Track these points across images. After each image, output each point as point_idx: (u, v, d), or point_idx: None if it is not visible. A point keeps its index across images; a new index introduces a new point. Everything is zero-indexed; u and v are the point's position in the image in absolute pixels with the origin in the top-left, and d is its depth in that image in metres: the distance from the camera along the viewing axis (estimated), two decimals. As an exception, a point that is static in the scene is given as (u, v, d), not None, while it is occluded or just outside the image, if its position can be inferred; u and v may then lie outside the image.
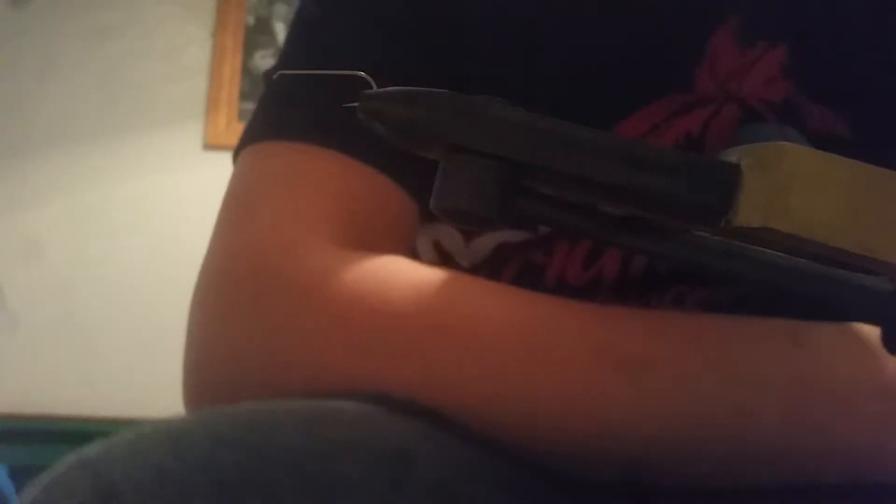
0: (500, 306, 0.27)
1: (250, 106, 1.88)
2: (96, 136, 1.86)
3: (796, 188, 0.15)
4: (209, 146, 1.87)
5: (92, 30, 1.89)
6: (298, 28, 0.37)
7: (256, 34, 1.93)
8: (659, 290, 0.31)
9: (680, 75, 0.31)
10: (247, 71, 1.90)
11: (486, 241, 0.33)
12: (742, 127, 0.31)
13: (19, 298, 1.79)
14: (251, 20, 1.93)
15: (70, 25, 1.89)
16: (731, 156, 0.15)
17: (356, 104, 0.15)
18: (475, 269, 0.34)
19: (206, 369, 0.30)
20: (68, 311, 1.78)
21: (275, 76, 0.35)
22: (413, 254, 0.35)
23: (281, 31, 1.94)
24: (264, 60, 1.92)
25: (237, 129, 1.97)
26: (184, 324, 0.32)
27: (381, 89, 0.15)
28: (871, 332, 0.23)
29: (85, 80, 1.88)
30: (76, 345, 1.76)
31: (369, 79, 0.16)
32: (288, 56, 0.37)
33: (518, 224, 0.32)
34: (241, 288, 0.30)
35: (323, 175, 0.31)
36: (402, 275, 0.28)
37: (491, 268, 0.33)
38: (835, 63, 0.32)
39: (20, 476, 1.45)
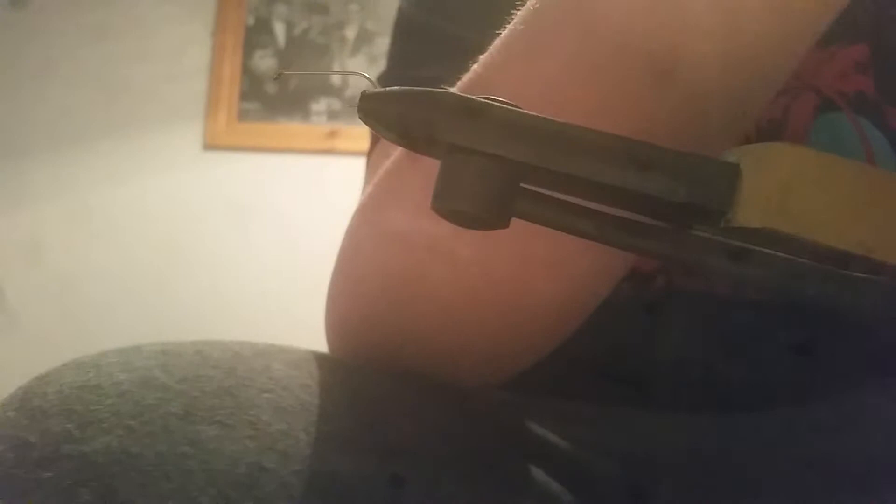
0: None
1: (250, 106, 1.88)
2: (96, 136, 1.87)
3: (796, 188, 0.15)
4: (209, 146, 1.87)
5: (92, 30, 1.89)
6: (398, 32, 0.40)
7: (256, 34, 1.93)
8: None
9: None
10: (247, 71, 1.90)
11: None
12: (819, 117, 0.32)
13: (19, 299, 1.79)
14: (251, 20, 1.93)
15: (70, 25, 1.89)
16: (731, 156, 0.15)
17: (355, 105, 0.15)
18: None
19: None
20: (68, 312, 1.78)
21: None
22: None
23: (281, 31, 1.94)
24: (264, 61, 1.91)
25: (237, 129, 1.98)
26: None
27: (380, 89, 0.15)
28: None
29: (85, 80, 1.88)
30: (77, 345, 1.77)
31: (370, 79, 0.16)
32: (391, 58, 0.40)
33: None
34: None
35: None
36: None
37: None
38: None
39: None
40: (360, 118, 0.16)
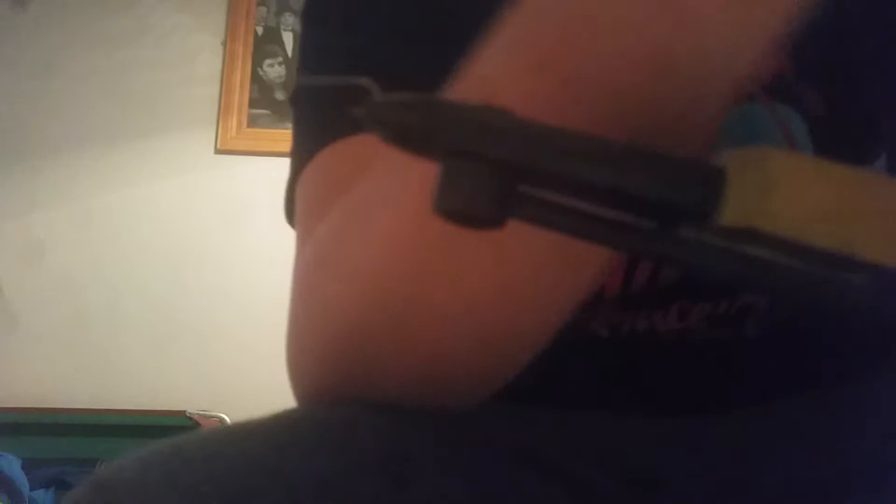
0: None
1: (260, 112, 1.91)
2: (113, 139, 1.89)
3: (780, 190, 0.15)
4: (220, 150, 1.90)
5: (106, 37, 1.92)
6: (308, 34, 0.37)
7: (265, 43, 1.95)
8: (662, 306, 0.31)
9: None
10: (256, 78, 1.92)
11: None
12: (734, 108, 0.30)
13: (20, 299, 1.81)
14: (260, 30, 1.96)
15: (83, 31, 1.92)
16: (718, 159, 0.16)
17: (358, 111, 0.16)
18: None
19: None
20: (74, 312, 1.80)
21: (295, 89, 0.36)
22: None
23: (289, 40, 1.96)
24: (272, 68, 1.94)
25: (247, 134, 1.99)
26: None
27: (383, 98, 0.16)
28: None
29: (100, 85, 1.91)
30: (80, 344, 1.78)
31: (373, 86, 0.17)
32: (303, 66, 0.37)
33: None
34: None
35: (346, 160, 0.31)
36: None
37: None
38: (820, 42, 0.32)
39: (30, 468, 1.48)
40: (366, 125, 0.17)
